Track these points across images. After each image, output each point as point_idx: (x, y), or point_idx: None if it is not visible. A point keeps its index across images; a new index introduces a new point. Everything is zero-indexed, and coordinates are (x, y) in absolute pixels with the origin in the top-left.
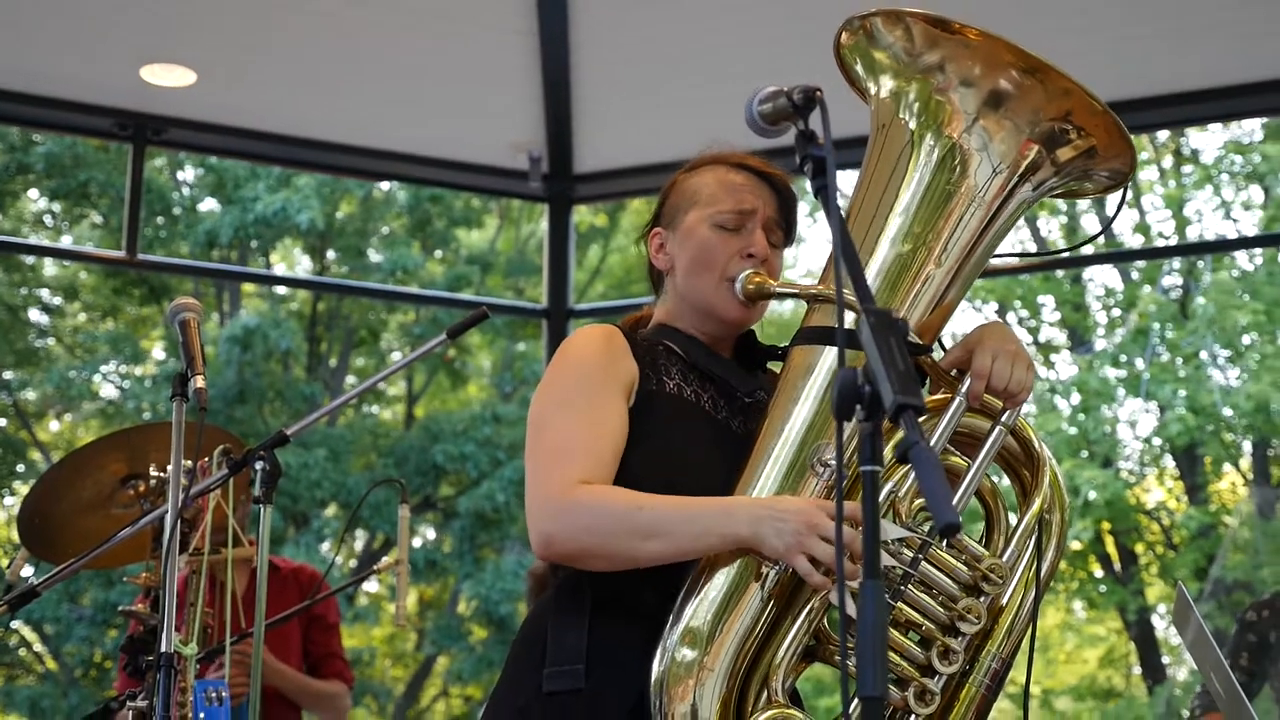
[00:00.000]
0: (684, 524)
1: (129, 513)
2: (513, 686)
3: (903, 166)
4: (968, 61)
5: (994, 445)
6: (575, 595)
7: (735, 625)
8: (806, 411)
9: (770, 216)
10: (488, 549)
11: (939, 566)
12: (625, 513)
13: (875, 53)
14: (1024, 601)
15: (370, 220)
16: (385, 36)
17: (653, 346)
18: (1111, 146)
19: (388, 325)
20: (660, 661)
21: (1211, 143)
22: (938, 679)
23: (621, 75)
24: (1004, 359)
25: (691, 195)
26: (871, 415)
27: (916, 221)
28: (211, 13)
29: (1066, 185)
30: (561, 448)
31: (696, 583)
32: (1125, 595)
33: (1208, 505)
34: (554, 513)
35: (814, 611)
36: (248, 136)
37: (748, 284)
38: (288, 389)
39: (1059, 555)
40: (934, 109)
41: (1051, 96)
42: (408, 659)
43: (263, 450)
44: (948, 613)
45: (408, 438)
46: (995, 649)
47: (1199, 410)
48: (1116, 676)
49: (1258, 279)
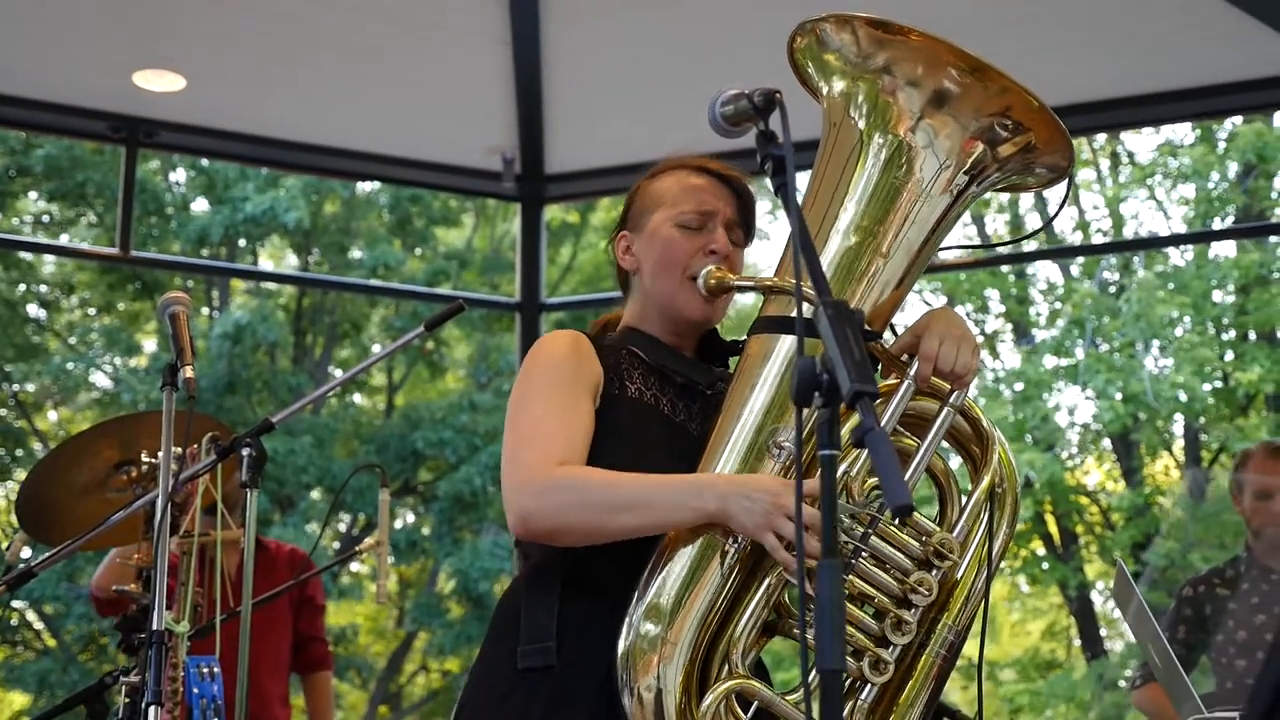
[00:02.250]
0: (656, 499)
1: (122, 497)
2: (489, 665)
3: (853, 164)
4: (911, 62)
5: (942, 425)
6: (546, 576)
7: (697, 601)
8: (764, 397)
9: (730, 217)
10: (465, 530)
11: (890, 542)
12: (599, 488)
13: (826, 55)
14: (978, 575)
15: (353, 219)
16: (366, 44)
17: (616, 351)
18: (1050, 142)
19: (369, 319)
20: (625, 637)
21: (1146, 145)
22: (892, 649)
23: (591, 79)
24: (950, 342)
25: (655, 198)
26: (829, 402)
27: (866, 216)
28: (200, 21)
29: (1009, 180)
30: (538, 433)
31: (660, 560)
32: (1066, 572)
33: (1142, 487)
34: (533, 490)
35: (772, 587)
36: (235, 139)
37: (709, 279)
38: (274, 380)
39: (1012, 529)
40: (881, 108)
41: (991, 94)
42: (389, 635)
43: (249, 437)
44: (900, 586)
45: (389, 425)
46: (951, 621)
47: (1131, 398)
48: (1059, 649)
49: (1187, 274)
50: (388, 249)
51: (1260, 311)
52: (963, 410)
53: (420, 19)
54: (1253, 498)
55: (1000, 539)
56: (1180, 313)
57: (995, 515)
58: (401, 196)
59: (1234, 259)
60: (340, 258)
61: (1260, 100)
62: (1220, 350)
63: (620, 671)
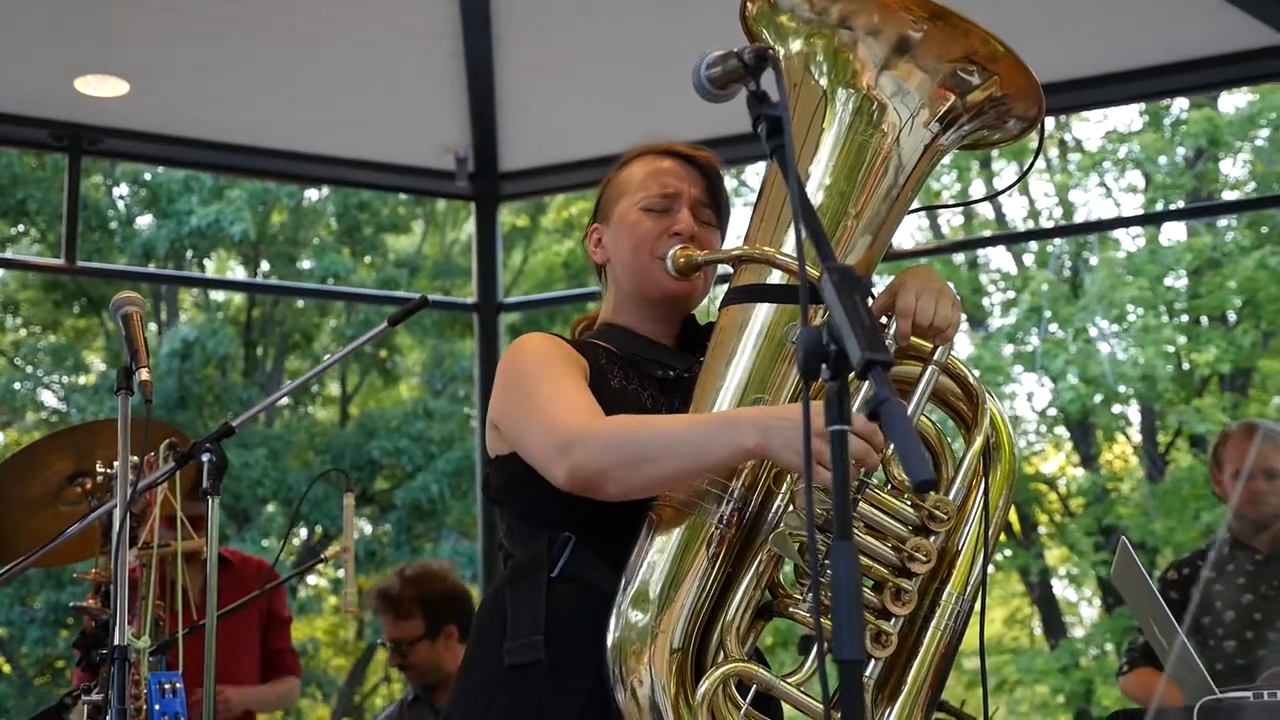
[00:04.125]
0: (690, 438)
1: (76, 510)
2: (476, 664)
3: (818, 122)
4: (868, 13)
5: (928, 384)
6: (530, 571)
7: (686, 587)
8: (742, 368)
9: (697, 198)
10: (424, 539)
11: (884, 509)
12: (636, 431)
13: (779, 17)
14: (980, 540)
15: (301, 228)
16: (313, 43)
17: (593, 349)
18: (1018, 87)
19: (321, 329)
20: (615, 628)
21: (1094, 132)
22: (894, 621)
23: (544, 74)
24: (928, 296)
25: (622, 187)
26: (838, 373)
27: (834, 174)
28: (143, 25)
29: (980, 133)
30: (558, 401)
31: (645, 546)
32: (1027, 559)
33: (1100, 472)
34: (574, 440)
35: (763, 567)
36: (181, 144)
37: (677, 258)
38: (226, 393)
39: (1013, 485)
40: (842, 63)
41: (954, 39)
42: (350, 648)
43: (209, 443)
44: (897, 554)
45: (343, 435)
46: (959, 591)
47: (1089, 381)
48: (1021, 636)
49: (1140, 259)
50: (337, 257)
51: (1212, 295)
52: (946, 368)
53: (368, 18)
54: (1233, 478)
55: (1000, 499)
56: (1137, 296)
57: (991, 473)
58: (349, 204)
59: (1186, 243)
60: (289, 268)
61: (1212, 78)
62: (1174, 333)
63: (611, 665)
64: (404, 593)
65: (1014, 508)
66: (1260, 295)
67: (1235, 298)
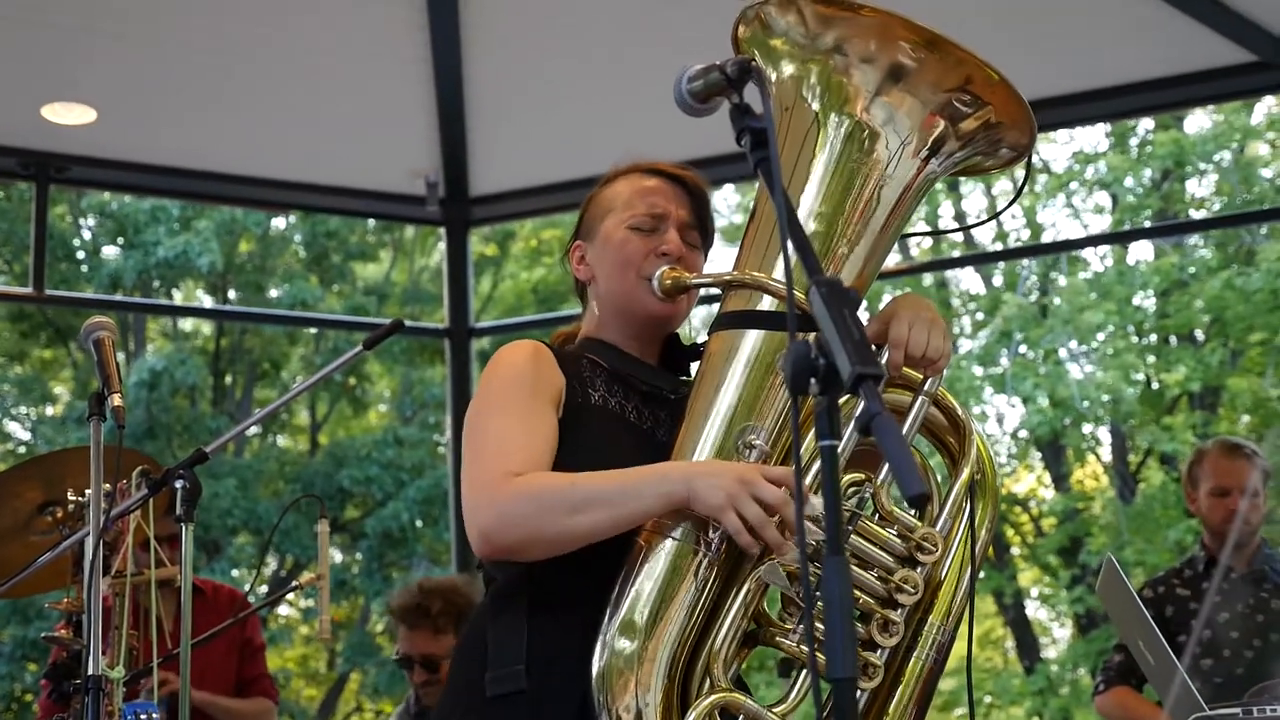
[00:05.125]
0: (619, 492)
1: (47, 539)
2: (457, 695)
3: (810, 147)
4: (863, 39)
5: (919, 415)
6: (511, 598)
7: (672, 614)
8: (730, 395)
9: (684, 219)
10: (395, 567)
11: (872, 540)
12: (560, 490)
13: (772, 40)
14: (963, 570)
15: (268, 257)
16: (282, 70)
17: (577, 360)
18: (1011, 116)
19: (289, 358)
20: (600, 656)
21: (1061, 154)
22: (880, 652)
23: (514, 98)
24: (920, 326)
25: (607, 204)
26: (828, 388)
27: (827, 200)
28: (111, 52)
29: (970, 159)
30: (497, 448)
31: (631, 573)
32: (1001, 580)
33: (1071, 492)
34: (490, 504)
35: (750, 595)
36: (149, 172)
37: (664, 279)
38: (195, 424)
39: (994, 520)
40: (835, 88)
41: (948, 68)
42: (321, 678)
43: (182, 469)
44: (884, 585)
45: (313, 464)
46: (940, 621)
47: (1059, 402)
48: (995, 657)
49: (1108, 279)
50: (305, 285)
51: (1180, 314)
52: (936, 399)
53: (337, 43)
54: (1209, 495)
55: (983, 532)
56: (1105, 318)
57: (975, 506)
58: (317, 232)
59: (1153, 264)
60: (257, 296)
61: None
62: (1143, 353)
63: (596, 693)
64: (437, 606)
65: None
66: (1228, 314)
67: (1203, 317)
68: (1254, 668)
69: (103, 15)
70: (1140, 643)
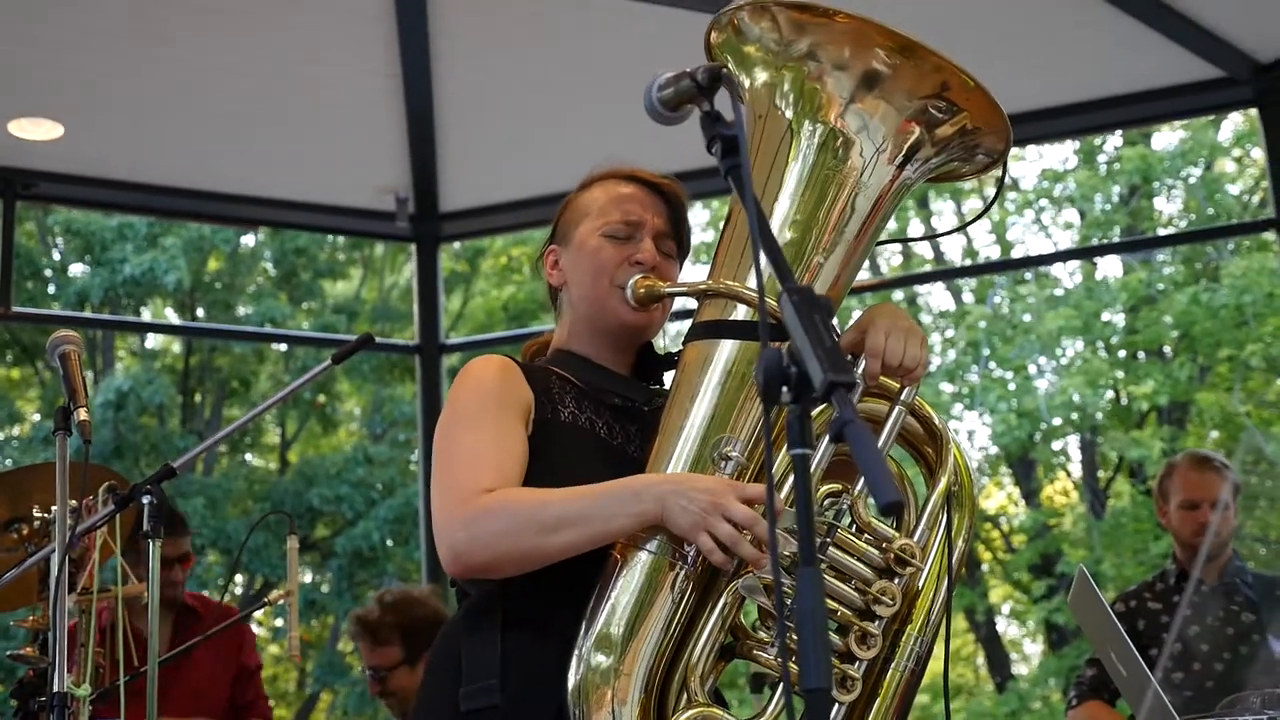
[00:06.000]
0: (592, 509)
1: (13, 557)
2: (429, 709)
3: (783, 155)
4: (837, 45)
5: (895, 424)
6: (485, 612)
7: (649, 628)
8: (706, 407)
9: (660, 228)
10: (366, 586)
11: (849, 551)
12: (531, 509)
13: (745, 47)
14: (940, 581)
15: (237, 275)
16: (251, 85)
17: (546, 374)
18: (987, 122)
19: (259, 376)
20: (576, 670)
21: (1030, 171)
22: (858, 664)
23: (484, 114)
24: (897, 335)
25: (583, 210)
26: (799, 396)
27: (802, 209)
28: (77, 66)
29: (946, 165)
30: (467, 463)
31: (607, 586)
32: (973, 598)
33: (1042, 508)
34: (460, 523)
35: (728, 608)
36: (117, 188)
37: (638, 288)
38: (163, 443)
39: (971, 531)
40: (809, 95)
41: (924, 74)
42: (291, 698)
43: (149, 484)
44: (862, 597)
45: (282, 483)
46: (917, 632)
47: (1026, 414)
48: (966, 673)
49: (1076, 295)
50: (274, 303)
51: (1148, 330)
52: (912, 409)
53: (306, 58)
54: (1179, 509)
55: (960, 543)
56: (1071, 330)
57: (952, 516)
58: (286, 249)
59: (1121, 280)
60: (226, 314)
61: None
62: (1112, 368)
63: (572, 708)
64: (382, 619)
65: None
66: (1196, 329)
67: (1171, 332)
68: (1224, 679)
69: (70, 30)
70: (1113, 654)
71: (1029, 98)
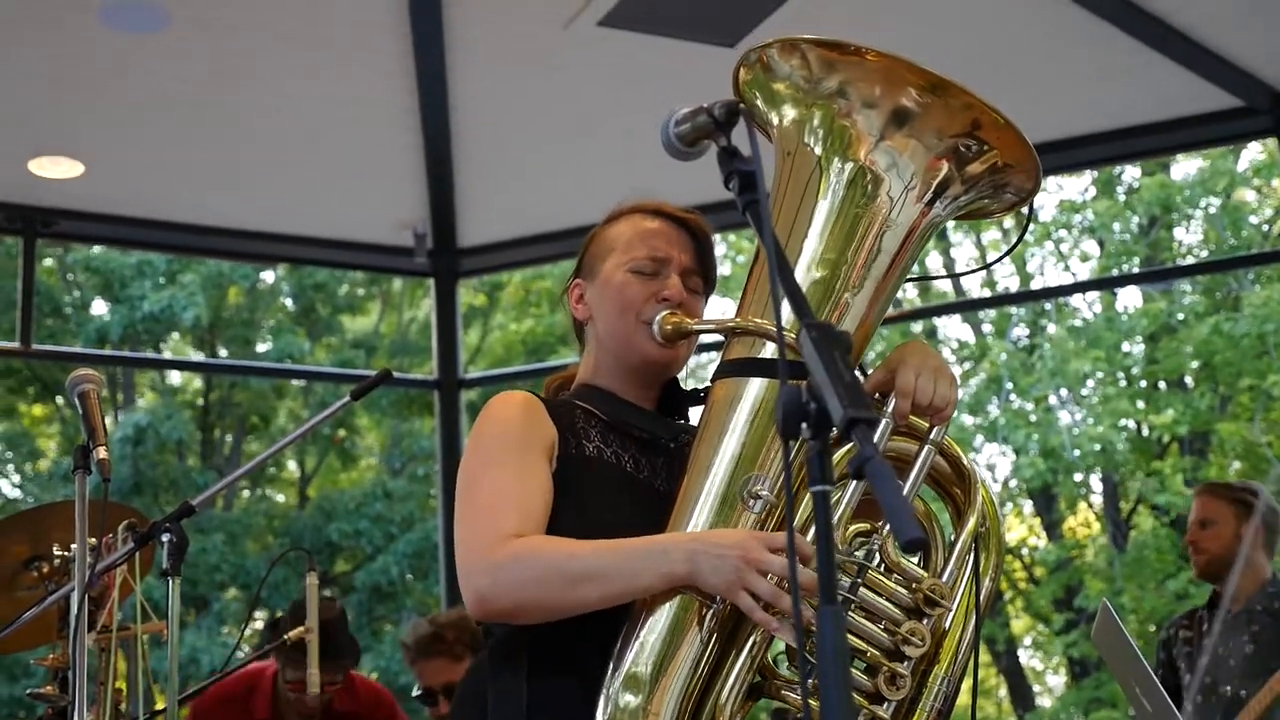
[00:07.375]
0: (619, 567)
1: (33, 595)
2: None
3: (812, 192)
4: (868, 83)
5: (924, 464)
6: (511, 652)
7: (677, 668)
8: (734, 445)
9: (687, 264)
10: (385, 621)
11: (878, 591)
12: (558, 561)
13: (775, 84)
14: (967, 622)
15: (256, 311)
16: (270, 123)
17: (571, 409)
18: (1017, 159)
19: (278, 412)
20: (604, 710)
21: (1049, 202)
22: (887, 706)
23: (502, 150)
24: (927, 375)
25: (609, 244)
26: (819, 433)
27: (830, 246)
28: (97, 106)
29: (975, 203)
30: (491, 504)
31: (635, 626)
32: (994, 629)
33: (1064, 540)
34: (486, 569)
35: (756, 648)
36: (136, 225)
37: (664, 324)
38: (183, 479)
39: (999, 571)
40: (839, 132)
41: (954, 112)
42: None
43: (169, 522)
44: (891, 637)
45: (302, 518)
46: (944, 673)
47: (1050, 452)
48: (989, 707)
49: (1096, 327)
50: (293, 339)
51: (1169, 360)
52: (941, 449)
53: (325, 96)
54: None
55: (987, 583)
56: (1093, 366)
57: (980, 557)
58: (305, 285)
59: (1142, 309)
60: (245, 350)
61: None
62: (1133, 399)
63: None
64: (452, 634)
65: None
66: (1216, 359)
67: (1192, 362)
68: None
69: (90, 69)
70: (1136, 688)
71: (1048, 128)
